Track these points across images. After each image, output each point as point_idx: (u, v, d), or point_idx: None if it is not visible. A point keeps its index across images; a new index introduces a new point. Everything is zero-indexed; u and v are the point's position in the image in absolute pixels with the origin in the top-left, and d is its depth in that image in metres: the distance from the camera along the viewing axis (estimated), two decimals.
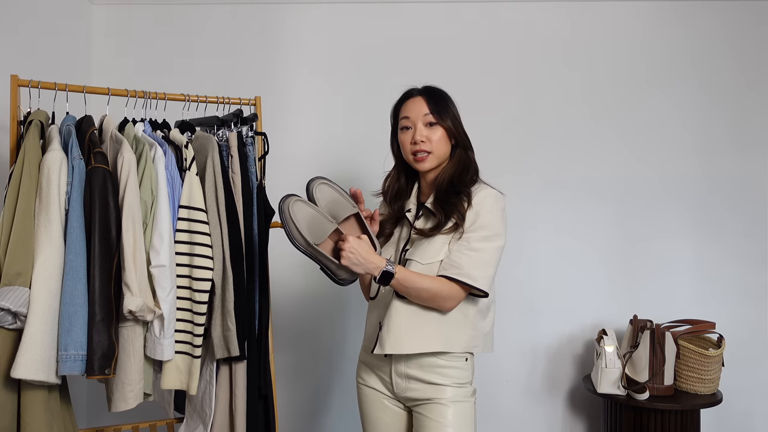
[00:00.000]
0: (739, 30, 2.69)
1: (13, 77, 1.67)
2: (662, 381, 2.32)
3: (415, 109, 1.61)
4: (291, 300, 2.69)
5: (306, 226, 1.50)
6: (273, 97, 2.58)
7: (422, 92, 1.63)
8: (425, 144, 1.59)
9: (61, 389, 1.57)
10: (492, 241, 1.53)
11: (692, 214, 2.68)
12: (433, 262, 1.54)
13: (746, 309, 2.65)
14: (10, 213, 1.47)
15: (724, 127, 2.69)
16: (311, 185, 1.60)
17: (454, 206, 1.54)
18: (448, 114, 1.60)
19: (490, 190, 1.58)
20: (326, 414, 2.73)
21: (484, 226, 1.53)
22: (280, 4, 2.72)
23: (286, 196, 1.52)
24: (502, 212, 1.58)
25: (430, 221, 1.61)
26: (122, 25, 2.72)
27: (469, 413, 1.58)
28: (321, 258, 1.52)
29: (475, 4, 2.72)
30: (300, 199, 1.53)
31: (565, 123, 2.70)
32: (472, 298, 1.57)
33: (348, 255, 1.47)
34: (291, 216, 1.49)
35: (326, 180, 1.62)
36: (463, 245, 1.52)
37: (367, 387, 1.69)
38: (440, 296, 1.51)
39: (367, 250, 1.49)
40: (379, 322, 1.61)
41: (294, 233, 1.50)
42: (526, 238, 2.66)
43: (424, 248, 1.57)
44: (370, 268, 1.48)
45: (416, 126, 1.60)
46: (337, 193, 1.60)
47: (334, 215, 1.56)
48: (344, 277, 1.56)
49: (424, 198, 1.68)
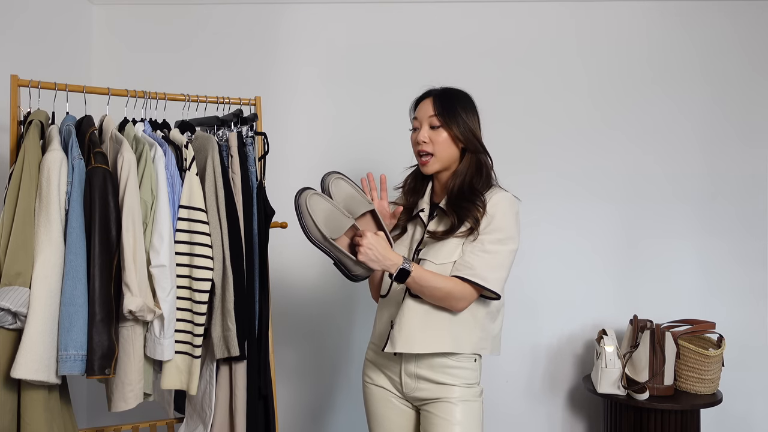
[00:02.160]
0: (747, 30, 2.68)
1: (13, 77, 1.67)
2: (662, 381, 2.32)
3: (423, 110, 1.63)
4: (291, 300, 2.69)
5: (323, 220, 1.50)
6: (273, 97, 2.58)
7: (435, 94, 1.64)
8: (427, 145, 1.60)
9: (61, 389, 1.57)
10: (505, 244, 1.54)
11: (693, 214, 2.67)
12: (446, 262, 1.55)
13: (746, 309, 2.65)
14: (10, 213, 1.47)
15: (729, 127, 2.68)
16: (327, 179, 1.60)
17: (468, 211, 1.55)
18: (454, 118, 1.59)
19: (505, 194, 1.59)
20: (327, 414, 2.73)
21: (498, 228, 1.54)
22: (280, 4, 2.72)
23: (303, 189, 1.52)
24: (516, 216, 1.58)
25: (442, 224, 1.61)
26: (122, 25, 2.72)
27: (477, 412, 1.59)
28: (337, 253, 1.52)
29: (478, 4, 2.71)
30: (317, 193, 1.53)
31: (567, 122, 2.70)
32: (483, 300, 1.58)
33: (366, 251, 1.48)
34: (308, 209, 1.49)
35: (342, 175, 1.62)
36: (476, 247, 1.53)
37: (375, 385, 1.70)
38: (453, 296, 1.51)
39: (385, 246, 1.50)
40: (390, 320, 1.62)
41: (310, 227, 1.49)
42: (527, 237, 2.63)
43: (437, 249, 1.58)
44: (387, 264, 1.49)
45: (422, 127, 1.62)
46: (353, 189, 1.61)
47: (350, 211, 1.56)
48: (359, 273, 1.55)
49: (437, 199, 1.68)
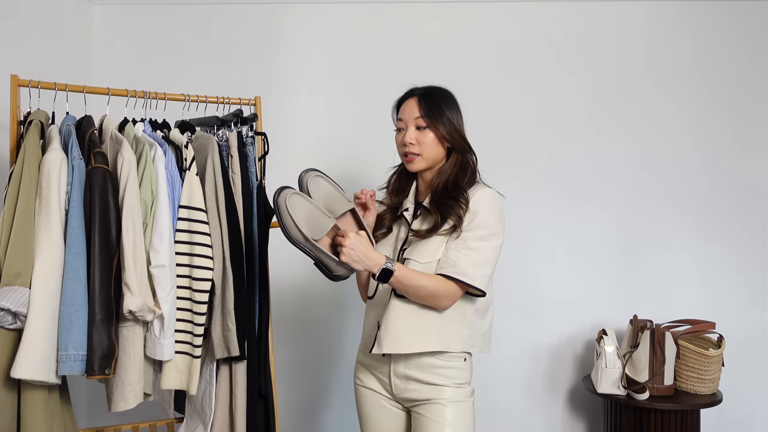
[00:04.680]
0: (744, 32, 2.68)
1: (13, 77, 1.67)
2: (662, 381, 2.32)
3: (408, 111, 1.61)
4: (291, 300, 2.69)
5: (304, 221, 1.45)
6: (273, 97, 2.58)
7: (419, 94, 1.63)
8: (414, 146, 1.59)
9: (61, 389, 1.57)
10: (489, 241, 1.53)
11: (693, 214, 2.67)
12: (431, 261, 1.54)
13: (746, 309, 2.65)
14: (10, 213, 1.47)
15: (726, 129, 2.68)
16: (305, 177, 1.56)
17: (451, 208, 1.54)
18: (440, 118, 1.59)
19: (488, 190, 1.58)
20: (326, 413, 2.73)
21: (481, 225, 1.53)
22: (280, 4, 2.72)
23: (281, 189, 1.46)
24: (500, 212, 1.57)
25: (426, 222, 1.60)
26: (122, 25, 2.72)
27: (468, 413, 1.58)
28: (319, 254, 1.47)
29: (475, 5, 2.72)
30: (296, 192, 1.47)
31: (565, 123, 2.70)
32: (469, 298, 1.57)
33: (348, 252, 1.44)
34: (288, 210, 1.43)
35: (320, 173, 1.58)
36: (459, 244, 1.52)
37: (365, 388, 1.69)
38: (437, 294, 1.51)
39: (368, 246, 1.47)
40: (377, 321, 1.61)
41: (291, 228, 1.44)
42: (527, 238, 2.66)
43: (422, 248, 1.57)
44: (370, 265, 1.47)
45: (407, 128, 1.60)
46: (332, 187, 1.57)
47: (331, 210, 1.52)
48: (341, 273, 1.51)
49: (422, 198, 1.68)
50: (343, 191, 1.58)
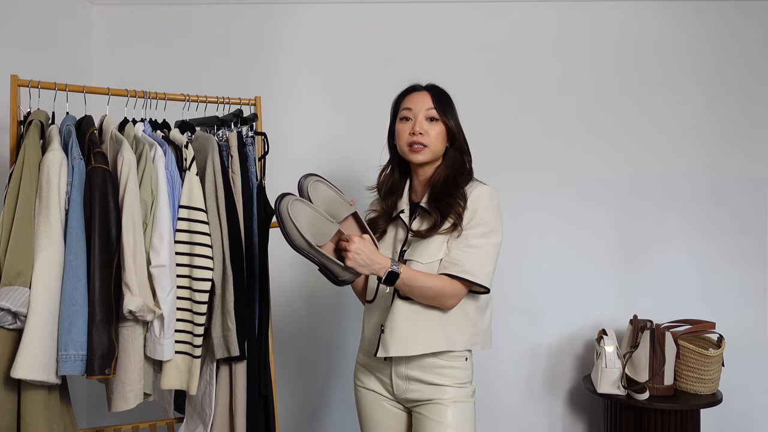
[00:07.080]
0: (739, 30, 2.68)
1: (13, 77, 1.67)
2: (662, 381, 2.32)
3: (419, 102, 1.61)
4: (291, 300, 2.69)
5: (307, 228, 1.43)
6: (273, 97, 2.58)
7: (428, 88, 1.64)
8: (423, 137, 1.58)
9: (61, 389, 1.57)
10: (489, 237, 1.54)
11: (692, 214, 2.67)
12: (433, 261, 1.54)
13: (746, 309, 2.65)
14: (10, 213, 1.47)
15: (723, 127, 2.68)
16: (305, 183, 1.54)
17: (450, 206, 1.54)
18: (451, 113, 1.61)
19: (485, 187, 1.58)
20: (326, 413, 2.73)
21: (482, 222, 1.53)
22: (280, 4, 2.72)
23: (283, 195, 1.45)
24: (498, 208, 1.58)
25: (425, 222, 1.60)
26: (122, 25, 2.72)
27: (469, 413, 1.58)
28: (323, 260, 1.46)
29: (474, 5, 2.72)
30: (298, 199, 1.46)
31: (564, 124, 2.70)
32: (471, 295, 1.57)
33: (354, 256, 1.43)
34: (291, 216, 1.42)
35: (320, 177, 1.56)
36: (462, 243, 1.53)
37: (366, 389, 1.69)
38: (443, 294, 1.51)
39: (373, 250, 1.47)
40: (380, 324, 1.60)
41: (294, 235, 1.43)
42: (527, 237, 2.66)
43: (423, 248, 1.57)
44: (376, 268, 1.46)
45: (417, 118, 1.59)
46: (333, 192, 1.56)
47: (333, 215, 1.51)
48: (346, 278, 1.50)
49: (416, 198, 1.67)
50: (344, 195, 1.57)
